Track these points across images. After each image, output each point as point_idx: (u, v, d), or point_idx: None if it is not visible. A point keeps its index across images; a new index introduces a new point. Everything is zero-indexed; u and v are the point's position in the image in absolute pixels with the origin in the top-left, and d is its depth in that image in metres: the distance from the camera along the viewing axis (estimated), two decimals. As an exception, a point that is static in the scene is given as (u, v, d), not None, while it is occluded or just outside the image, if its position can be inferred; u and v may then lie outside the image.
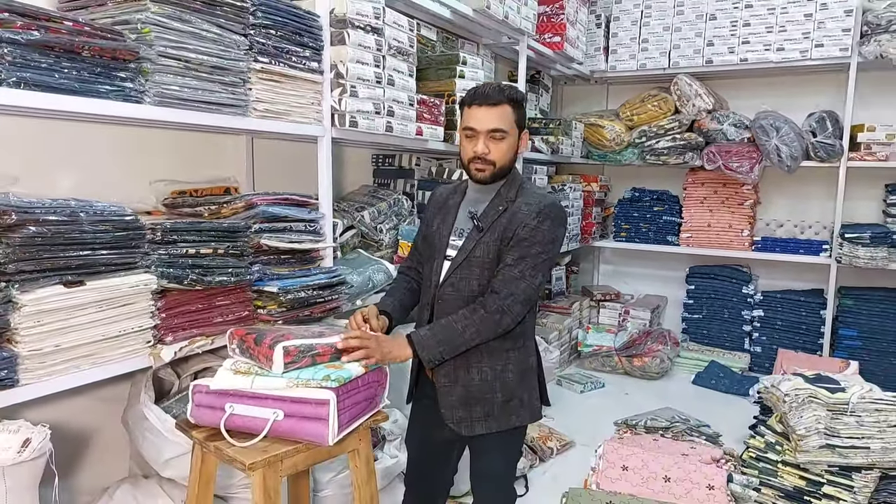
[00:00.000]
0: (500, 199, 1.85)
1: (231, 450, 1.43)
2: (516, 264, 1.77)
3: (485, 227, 1.82)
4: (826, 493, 2.62)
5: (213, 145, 2.57)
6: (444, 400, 1.84)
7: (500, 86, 1.84)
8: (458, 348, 1.76)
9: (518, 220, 1.80)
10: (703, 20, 4.52)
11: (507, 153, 1.82)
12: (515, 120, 1.82)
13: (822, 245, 4.42)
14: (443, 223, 1.94)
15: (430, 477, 2.05)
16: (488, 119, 1.79)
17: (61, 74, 1.55)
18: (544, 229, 1.80)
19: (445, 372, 1.83)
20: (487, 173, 1.82)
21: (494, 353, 1.84)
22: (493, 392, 1.85)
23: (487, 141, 1.79)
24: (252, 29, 2.03)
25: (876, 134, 4.11)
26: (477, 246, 1.82)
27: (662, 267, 5.30)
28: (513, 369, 1.88)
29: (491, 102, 1.79)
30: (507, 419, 1.88)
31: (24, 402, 1.54)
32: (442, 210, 1.98)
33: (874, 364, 4.21)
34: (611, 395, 4.21)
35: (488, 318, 1.74)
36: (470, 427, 1.84)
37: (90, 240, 1.65)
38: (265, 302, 2.14)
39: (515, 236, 1.79)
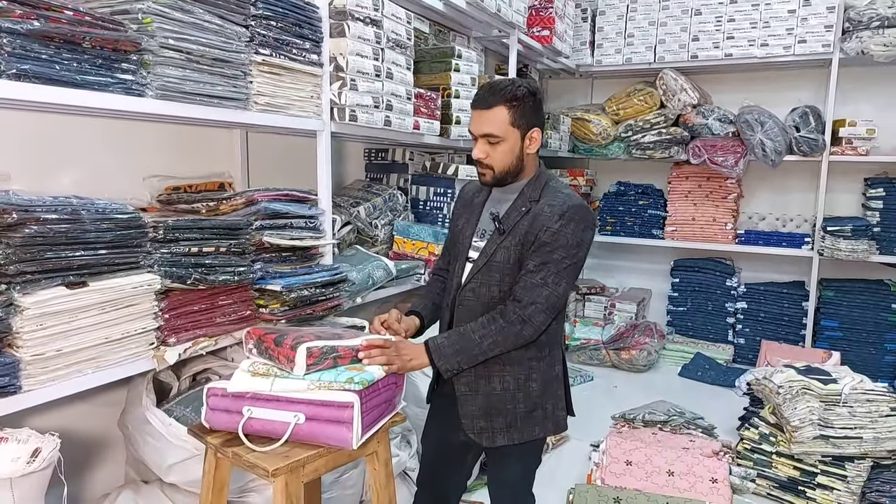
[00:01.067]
0: (524, 199, 1.77)
1: (251, 455, 1.39)
2: (538, 270, 1.69)
3: (506, 230, 1.74)
4: (820, 483, 2.67)
5: (206, 139, 2.50)
6: (464, 409, 1.78)
7: (498, 84, 1.73)
8: (475, 358, 1.70)
9: (540, 222, 1.71)
10: (688, 15, 4.54)
11: (506, 157, 1.73)
12: (513, 121, 1.70)
13: (803, 238, 4.49)
14: (467, 223, 1.88)
15: (444, 479, 2.01)
16: (481, 123, 1.72)
17: (62, 66, 1.48)
18: (567, 233, 1.69)
19: (466, 381, 1.77)
20: (488, 177, 1.77)
21: (517, 363, 1.77)
22: (516, 402, 1.78)
23: (484, 145, 1.73)
24: (253, 20, 1.97)
25: (857, 129, 4.18)
26: (498, 250, 1.74)
27: (647, 260, 5.34)
28: (536, 378, 1.80)
29: (484, 105, 1.71)
30: (531, 430, 1.82)
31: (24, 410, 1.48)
32: (468, 209, 1.92)
33: (854, 354, 4.31)
34: (600, 388, 4.23)
35: (508, 328, 1.68)
36: (491, 438, 1.78)
37: (92, 239, 1.59)
38: (267, 301, 2.09)
39: (537, 240, 1.70)
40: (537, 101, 1.77)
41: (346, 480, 2.27)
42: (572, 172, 5.03)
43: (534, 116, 1.76)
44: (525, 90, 1.72)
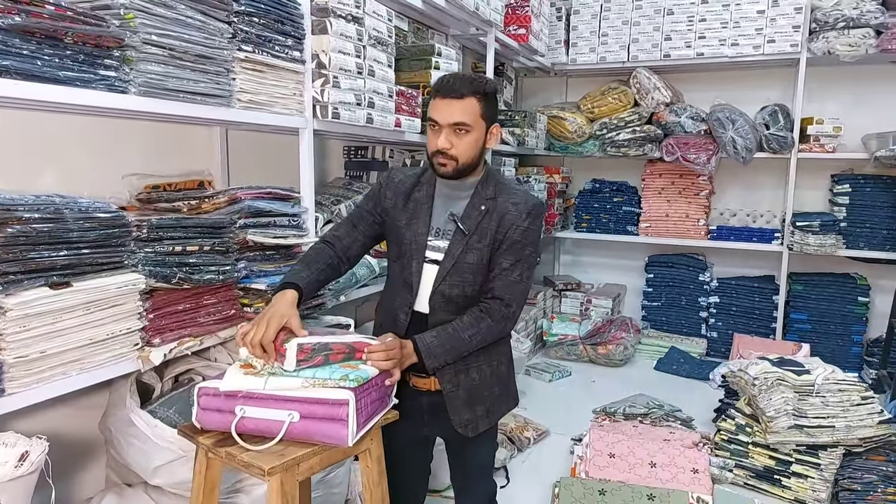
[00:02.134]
0: (479, 197, 1.77)
1: (245, 455, 1.37)
2: (513, 268, 1.74)
3: (470, 231, 1.74)
4: (795, 472, 2.74)
5: (185, 137, 2.47)
6: (452, 405, 1.79)
7: (468, 77, 1.73)
8: (460, 355, 1.75)
9: (508, 221, 1.74)
10: (660, 15, 4.61)
11: (472, 149, 1.72)
12: (482, 114, 1.71)
13: (773, 233, 4.59)
14: (414, 219, 1.81)
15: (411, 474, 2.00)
16: (451, 112, 1.68)
17: (44, 62, 1.45)
18: (534, 229, 1.77)
19: (448, 378, 1.78)
20: (449, 168, 1.72)
21: (490, 352, 1.83)
22: (491, 388, 1.85)
23: (450, 135, 1.69)
24: (236, 16, 1.95)
25: (824, 127, 4.28)
26: (467, 251, 1.74)
27: (622, 256, 5.41)
28: (504, 361, 1.91)
29: (456, 95, 1.68)
30: (500, 410, 1.91)
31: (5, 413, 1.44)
32: (408, 202, 1.84)
33: (823, 346, 4.42)
34: (578, 382, 4.28)
35: (495, 326, 1.75)
36: (475, 427, 1.82)
37: (75, 238, 1.56)
38: (252, 300, 2.08)
39: (508, 238, 1.73)
40: (496, 100, 1.82)
41: (333, 479, 2.26)
42: (548, 170, 5.07)
43: (495, 112, 1.80)
44: (492, 86, 1.76)
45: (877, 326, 4.45)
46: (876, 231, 4.29)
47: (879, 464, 2.65)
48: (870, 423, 2.66)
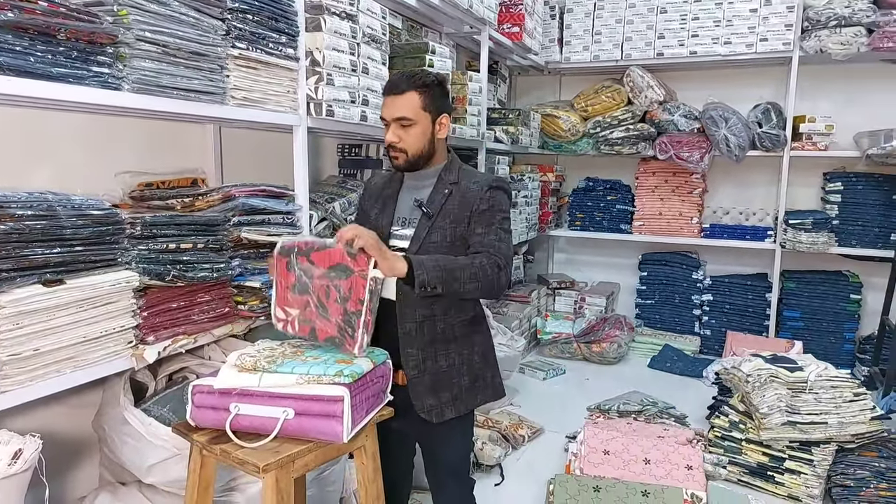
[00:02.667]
0: (443, 183, 1.85)
1: (240, 452, 1.37)
2: (487, 232, 1.78)
3: (434, 213, 1.80)
4: (788, 468, 2.75)
5: (178, 135, 2.46)
6: (414, 390, 1.81)
7: (409, 73, 1.82)
8: (452, 283, 1.65)
9: (470, 197, 1.80)
10: (654, 13, 4.63)
11: (418, 140, 1.80)
12: (424, 106, 1.79)
13: (766, 231, 4.61)
14: (382, 213, 1.92)
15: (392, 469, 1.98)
16: (393, 108, 1.79)
17: (37, 58, 1.45)
18: (499, 199, 1.82)
19: (415, 363, 1.80)
20: (401, 161, 1.83)
21: (461, 339, 1.86)
22: (461, 376, 1.86)
23: (397, 129, 1.79)
24: (229, 13, 1.94)
25: (816, 125, 4.31)
26: (431, 232, 1.80)
27: (615, 254, 5.42)
28: (478, 351, 1.91)
29: (396, 91, 1.79)
30: (474, 399, 1.91)
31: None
32: (379, 199, 1.96)
33: (816, 343, 4.44)
34: (572, 380, 4.29)
35: (488, 268, 1.70)
36: (440, 413, 1.83)
37: (69, 236, 1.56)
38: (246, 297, 2.08)
39: (474, 212, 1.79)
40: (444, 90, 1.87)
41: (328, 477, 2.26)
42: (542, 168, 5.08)
43: (442, 103, 1.85)
44: (433, 78, 1.82)
45: (869, 323, 4.48)
46: (868, 229, 4.32)
47: (872, 460, 2.67)
48: (862, 420, 2.67)
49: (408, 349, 1.80)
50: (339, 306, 1.60)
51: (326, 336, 1.63)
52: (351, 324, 1.58)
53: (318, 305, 1.63)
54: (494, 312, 4.44)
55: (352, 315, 1.58)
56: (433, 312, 1.81)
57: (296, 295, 1.68)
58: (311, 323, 1.65)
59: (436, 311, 1.81)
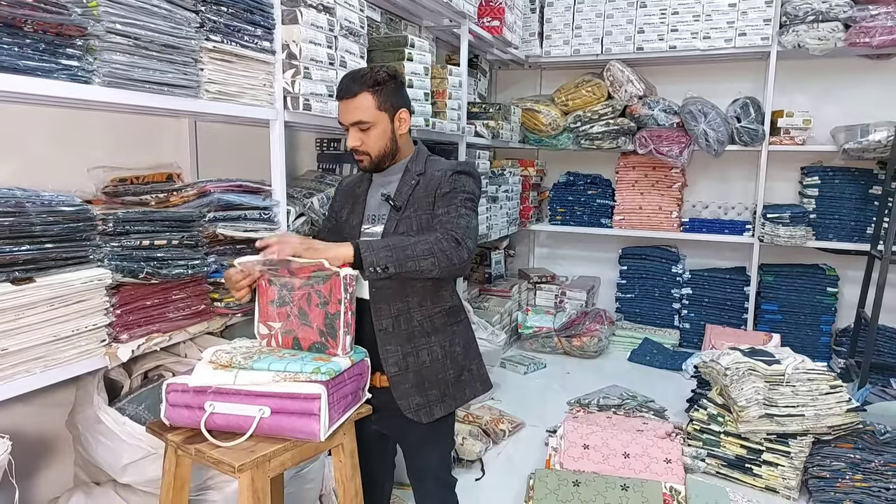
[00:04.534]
0: (410, 174, 1.84)
1: (215, 452, 1.35)
2: (448, 211, 1.75)
3: (402, 204, 1.80)
4: (765, 460, 2.78)
5: (153, 129, 2.42)
6: (398, 390, 1.77)
7: (359, 73, 1.78)
8: (405, 262, 1.59)
9: (434, 183, 1.79)
10: (634, 8, 4.64)
11: (380, 141, 1.79)
12: (379, 105, 1.77)
13: (744, 225, 4.65)
14: (352, 212, 1.91)
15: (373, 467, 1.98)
16: (348, 112, 1.77)
17: (2, 51, 1.41)
18: (462, 181, 1.79)
19: (395, 360, 1.77)
20: (366, 162, 1.82)
21: (440, 331, 1.83)
22: (445, 370, 1.84)
23: (356, 133, 1.78)
24: (203, 5, 1.91)
25: (794, 119, 4.34)
26: (400, 224, 1.79)
27: (596, 249, 5.44)
28: (459, 342, 1.88)
29: (349, 95, 1.76)
30: (462, 394, 1.88)
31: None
32: (350, 199, 1.95)
33: (793, 336, 4.50)
34: (553, 375, 4.30)
35: (444, 241, 1.64)
36: (429, 412, 1.79)
37: (38, 233, 1.52)
38: (222, 295, 2.05)
39: (438, 196, 1.78)
40: (399, 84, 1.83)
41: (307, 475, 2.25)
42: (523, 163, 5.08)
43: (399, 98, 1.82)
44: (385, 74, 1.78)
45: (845, 316, 4.54)
46: (844, 222, 4.37)
47: (847, 451, 2.70)
48: (838, 412, 2.71)
49: (387, 346, 1.77)
50: (320, 311, 1.60)
51: (310, 343, 1.63)
52: (332, 326, 1.58)
53: (298, 314, 1.63)
54: (475, 307, 4.45)
55: (333, 317, 1.57)
56: (408, 305, 1.79)
57: (277, 308, 1.68)
58: (294, 333, 1.65)
59: (411, 303, 1.79)
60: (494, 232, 4.24)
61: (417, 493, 1.99)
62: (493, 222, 4.20)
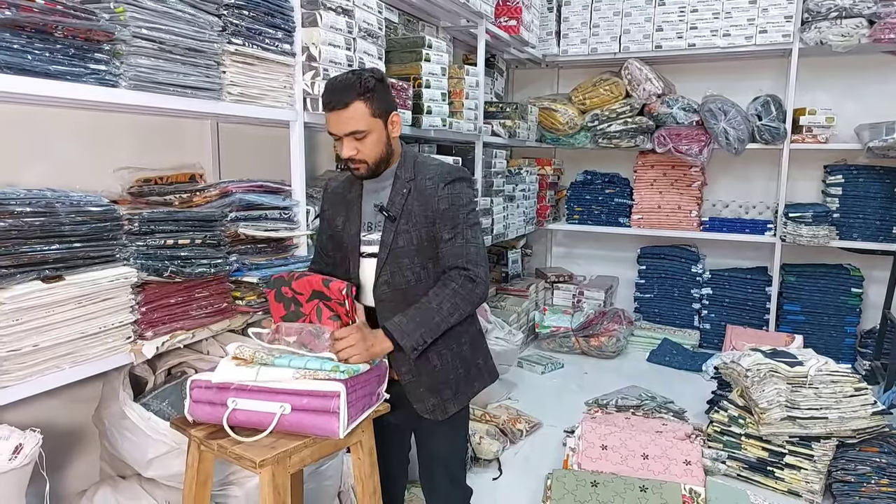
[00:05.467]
0: (400, 182, 1.80)
1: (237, 447, 1.38)
2: (454, 236, 1.74)
3: (396, 215, 1.76)
4: (788, 463, 2.76)
5: (176, 130, 2.46)
6: (413, 395, 1.80)
7: (346, 81, 1.71)
8: (438, 327, 1.70)
9: (428, 195, 1.76)
10: (652, 5, 4.61)
11: (376, 147, 1.74)
12: (373, 112, 1.71)
13: (766, 224, 4.61)
14: (348, 220, 1.88)
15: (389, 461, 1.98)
16: (342, 124, 1.70)
17: (34, 56, 1.45)
18: (457, 192, 1.77)
19: (407, 368, 1.78)
20: (363, 170, 1.77)
21: (450, 335, 1.81)
22: (456, 370, 1.86)
23: (351, 142, 1.72)
24: (225, 9, 1.95)
25: (816, 117, 4.29)
26: (397, 237, 1.77)
27: (613, 248, 5.42)
28: (466, 341, 1.89)
29: (340, 105, 1.69)
30: (472, 388, 1.91)
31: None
32: (342, 206, 1.91)
33: (816, 337, 4.44)
34: (570, 375, 4.30)
35: (460, 289, 1.70)
36: (444, 410, 1.82)
37: (67, 232, 1.56)
38: (243, 293, 2.09)
39: (436, 212, 1.75)
40: (386, 86, 1.78)
41: (326, 471, 2.27)
42: (540, 162, 5.08)
43: (388, 102, 1.78)
44: (373, 80, 1.72)
45: (870, 317, 4.48)
46: (869, 222, 4.31)
47: (873, 455, 2.67)
48: (863, 415, 2.67)
49: (397, 352, 1.73)
50: (333, 323, 1.65)
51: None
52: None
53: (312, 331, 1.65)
54: (492, 306, 4.45)
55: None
56: None
57: (290, 324, 1.69)
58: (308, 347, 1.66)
59: None
60: (511, 231, 4.24)
61: (430, 495, 1.99)
62: (510, 221, 4.20)
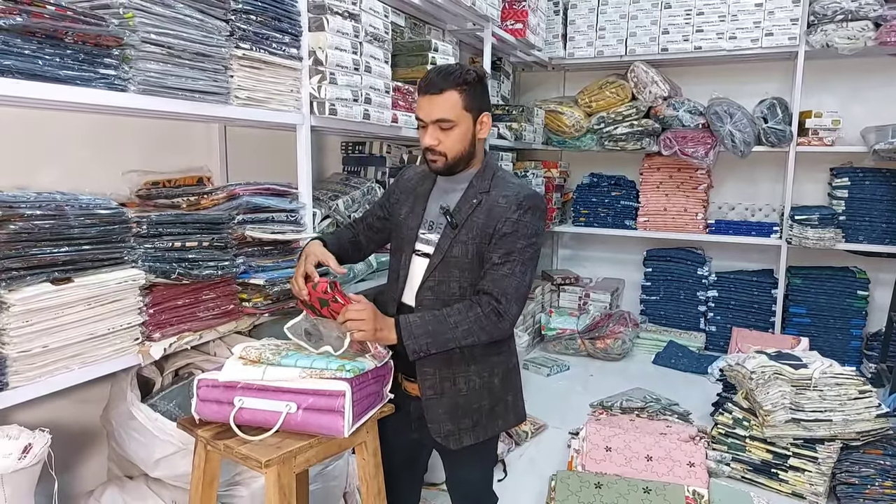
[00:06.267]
0: (473, 191, 1.74)
1: (243, 447, 1.40)
2: (503, 262, 1.66)
3: (459, 223, 1.70)
4: (792, 466, 2.76)
5: (184, 134, 2.49)
6: (430, 413, 1.73)
7: (448, 69, 1.67)
8: (446, 344, 1.63)
9: (497, 213, 1.68)
10: (658, 9, 4.62)
11: (459, 143, 1.69)
12: (466, 106, 1.67)
13: (772, 227, 4.60)
14: (412, 212, 1.83)
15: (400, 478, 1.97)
16: (432, 109, 1.66)
17: (45, 61, 1.47)
18: (526, 221, 1.68)
19: (431, 384, 1.72)
20: (440, 164, 1.72)
21: (480, 361, 1.75)
22: (481, 400, 1.77)
23: (435, 131, 1.67)
24: (233, 14, 1.96)
25: (822, 120, 4.29)
26: (454, 245, 1.70)
27: (620, 250, 5.43)
28: (498, 373, 1.81)
29: (435, 90, 1.65)
30: (494, 425, 1.82)
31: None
32: (411, 196, 1.87)
33: (822, 340, 4.44)
34: (576, 377, 4.31)
35: (485, 319, 1.64)
36: (458, 440, 1.75)
37: (77, 235, 1.58)
38: (250, 295, 2.10)
39: (497, 232, 1.67)
40: (485, 86, 1.75)
41: (331, 472, 2.28)
42: (546, 164, 5.09)
43: (483, 101, 1.74)
44: (474, 74, 1.69)
45: (876, 320, 4.47)
46: (875, 224, 4.30)
47: (877, 457, 2.67)
48: (867, 417, 2.67)
49: (425, 367, 1.73)
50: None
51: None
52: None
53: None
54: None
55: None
56: None
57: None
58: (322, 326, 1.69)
59: None
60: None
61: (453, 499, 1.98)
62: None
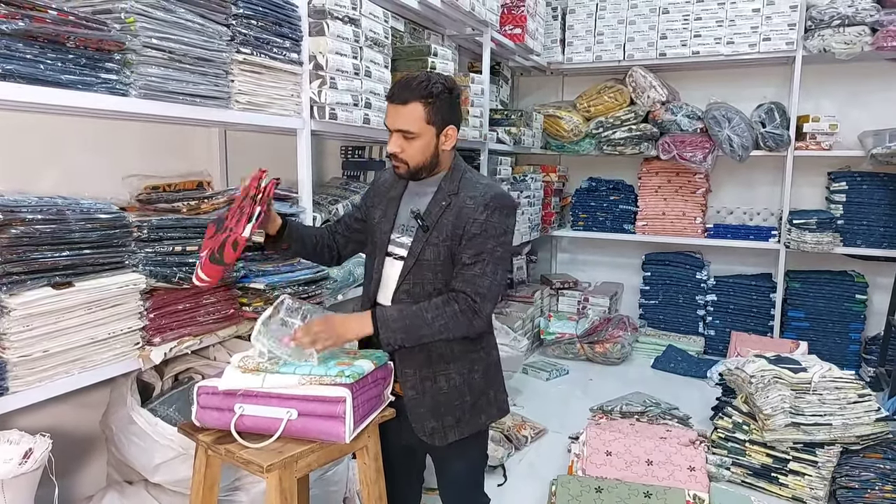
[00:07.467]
0: (442, 193, 1.76)
1: (245, 452, 1.39)
2: (474, 262, 1.68)
3: (430, 226, 1.72)
4: (792, 470, 2.75)
5: (184, 138, 2.49)
6: (413, 413, 1.75)
7: (414, 80, 1.68)
8: (420, 339, 1.66)
9: (465, 215, 1.70)
10: (656, 14, 4.64)
11: (420, 154, 1.71)
12: (428, 119, 1.67)
13: (770, 231, 4.61)
14: (384, 216, 1.85)
15: (398, 483, 1.97)
16: (396, 118, 1.68)
17: (46, 66, 1.48)
18: (494, 221, 1.70)
19: (412, 384, 1.75)
20: (402, 170, 1.74)
21: (460, 359, 1.78)
22: (463, 397, 1.79)
23: (399, 139, 1.69)
24: (234, 19, 1.98)
25: (820, 124, 4.31)
26: (426, 248, 1.72)
27: (618, 254, 5.43)
28: (478, 369, 1.82)
29: (399, 101, 1.67)
30: (477, 420, 1.83)
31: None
32: (384, 200, 1.89)
33: (821, 344, 4.44)
34: (576, 381, 4.30)
35: (460, 316, 1.66)
36: (443, 436, 1.77)
37: (77, 239, 1.59)
38: (251, 299, 2.11)
39: (466, 233, 1.69)
40: (454, 98, 1.74)
41: (331, 477, 2.28)
42: (545, 168, 5.09)
43: (450, 113, 1.73)
44: (441, 87, 1.68)
45: (875, 324, 4.46)
46: (873, 228, 4.31)
47: (877, 461, 2.67)
48: (867, 421, 2.67)
49: (405, 368, 1.75)
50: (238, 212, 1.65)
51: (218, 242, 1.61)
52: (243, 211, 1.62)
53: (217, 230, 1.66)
54: (497, 312, 4.46)
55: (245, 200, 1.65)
56: None
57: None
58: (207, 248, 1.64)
59: None
60: (516, 238, 4.26)
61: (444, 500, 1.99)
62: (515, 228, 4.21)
